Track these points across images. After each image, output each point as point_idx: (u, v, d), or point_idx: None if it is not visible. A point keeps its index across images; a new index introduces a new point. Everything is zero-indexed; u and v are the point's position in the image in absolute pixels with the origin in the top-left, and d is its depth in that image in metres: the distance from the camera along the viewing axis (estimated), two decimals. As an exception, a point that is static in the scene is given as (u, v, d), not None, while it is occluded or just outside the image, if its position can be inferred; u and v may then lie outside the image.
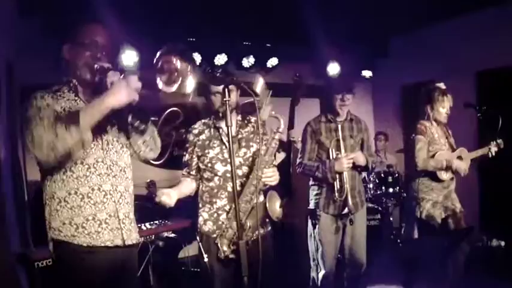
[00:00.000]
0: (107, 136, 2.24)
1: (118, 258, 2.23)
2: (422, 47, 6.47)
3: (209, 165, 2.96)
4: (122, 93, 1.96)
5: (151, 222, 4.21)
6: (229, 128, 2.37)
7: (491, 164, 4.14)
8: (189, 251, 4.54)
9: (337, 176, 3.60)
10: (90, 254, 2.13)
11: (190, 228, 4.36)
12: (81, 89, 2.22)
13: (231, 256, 2.80)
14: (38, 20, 4.59)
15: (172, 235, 4.08)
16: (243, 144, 3.01)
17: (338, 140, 3.65)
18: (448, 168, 3.76)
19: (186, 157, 3.08)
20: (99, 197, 2.17)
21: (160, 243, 3.83)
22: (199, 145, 3.01)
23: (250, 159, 3.00)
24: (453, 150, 3.95)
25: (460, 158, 3.91)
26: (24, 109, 2.06)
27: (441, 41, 6.22)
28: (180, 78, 2.04)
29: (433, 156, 3.83)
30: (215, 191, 2.95)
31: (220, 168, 2.95)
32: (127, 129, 2.30)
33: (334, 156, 3.63)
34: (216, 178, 2.95)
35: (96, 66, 2.13)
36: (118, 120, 2.27)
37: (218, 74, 2.66)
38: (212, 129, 3.05)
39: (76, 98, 2.20)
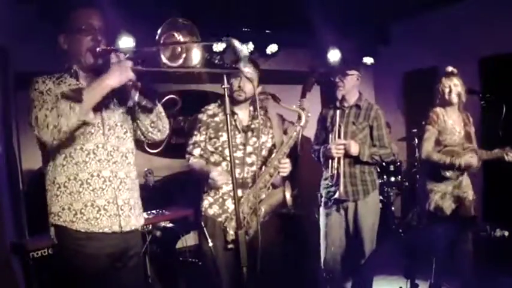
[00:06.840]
0: (108, 121, 2.26)
1: (118, 245, 2.24)
2: (425, 33, 6.36)
3: (220, 148, 3.00)
4: (116, 73, 2.01)
5: (149, 212, 4.16)
6: (227, 116, 2.31)
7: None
8: (187, 241, 4.50)
9: (330, 161, 3.57)
10: (89, 240, 2.15)
11: (188, 218, 4.32)
12: (83, 75, 2.25)
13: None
14: (34, 5, 4.51)
15: (170, 225, 4.03)
16: (254, 133, 3.08)
17: (339, 126, 3.59)
18: (451, 166, 3.60)
19: (198, 137, 3.06)
20: (98, 183, 2.19)
21: (158, 233, 3.76)
22: (212, 126, 3.03)
23: (259, 148, 3.08)
24: (469, 139, 3.80)
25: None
26: (27, 94, 2.11)
27: (444, 27, 6.10)
28: (185, 52, 2.06)
29: (445, 146, 3.72)
30: None
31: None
32: (133, 113, 2.33)
33: (331, 142, 3.60)
34: (224, 163, 2.99)
35: (98, 49, 2.15)
36: (122, 105, 2.31)
37: (217, 62, 2.64)
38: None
39: (78, 83, 2.22)
